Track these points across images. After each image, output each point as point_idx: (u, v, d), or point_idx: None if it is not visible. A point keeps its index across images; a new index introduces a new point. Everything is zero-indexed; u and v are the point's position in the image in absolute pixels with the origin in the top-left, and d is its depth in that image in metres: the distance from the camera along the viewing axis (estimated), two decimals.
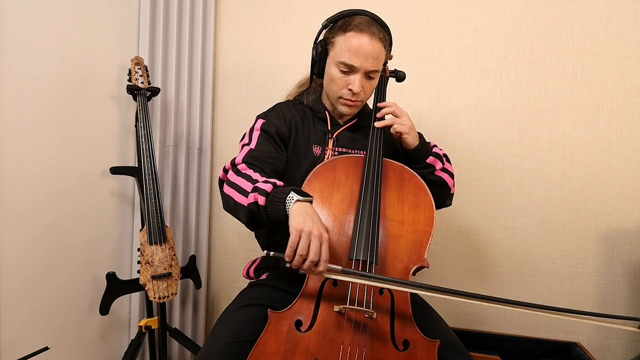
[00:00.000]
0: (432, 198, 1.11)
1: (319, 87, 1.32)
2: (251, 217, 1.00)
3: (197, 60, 1.96)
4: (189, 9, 1.91)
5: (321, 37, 1.21)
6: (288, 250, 0.88)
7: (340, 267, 0.91)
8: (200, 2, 1.95)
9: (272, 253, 0.90)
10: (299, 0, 1.96)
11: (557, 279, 1.75)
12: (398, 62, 1.83)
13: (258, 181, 0.99)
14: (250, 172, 1.04)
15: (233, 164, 1.10)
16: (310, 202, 0.95)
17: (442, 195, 1.25)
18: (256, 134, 1.18)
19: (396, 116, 1.19)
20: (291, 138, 1.22)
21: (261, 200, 0.95)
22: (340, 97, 1.18)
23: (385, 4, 1.88)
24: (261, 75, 2.02)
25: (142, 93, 1.65)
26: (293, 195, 0.93)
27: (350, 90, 1.15)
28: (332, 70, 1.17)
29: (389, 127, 1.19)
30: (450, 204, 1.30)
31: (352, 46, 1.11)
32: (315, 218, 0.91)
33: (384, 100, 1.27)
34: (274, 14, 2.00)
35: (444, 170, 1.23)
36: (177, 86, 1.90)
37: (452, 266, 1.85)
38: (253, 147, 1.14)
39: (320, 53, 1.19)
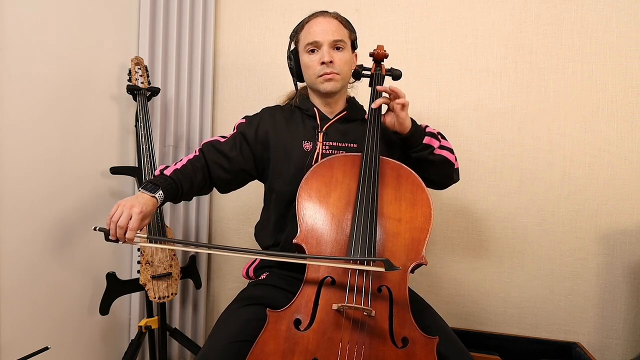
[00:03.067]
0: (429, 196, 1.11)
1: (304, 90, 1.37)
2: None
3: (197, 60, 1.96)
4: (189, 9, 1.92)
5: (292, 48, 1.31)
6: (107, 220, 1.00)
7: (145, 236, 1.04)
8: (200, 2, 1.95)
9: (97, 227, 1.01)
10: (299, 0, 1.96)
11: (557, 279, 1.75)
12: (398, 62, 1.83)
13: (175, 164, 1.18)
14: (190, 155, 1.23)
15: (201, 143, 1.28)
16: (152, 197, 1.07)
17: (447, 172, 1.27)
18: (233, 131, 1.31)
19: (397, 95, 1.19)
20: (271, 140, 1.27)
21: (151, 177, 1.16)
22: (318, 76, 1.23)
23: (385, 4, 1.88)
24: (261, 75, 2.02)
25: (142, 93, 1.66)
26: (142, 187, 1.09)
27: (323, 63, 1.21)
28: (304, 59, 1.25)
29: (385, 113, 1.24)
30: (458, 179, 1.32)
31: (311, 28, 1.23)
32: (139, 200, 1.03)
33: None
34: (274, 14, 2.00)
35: (442, 147, 1.24)
36: (177, 86, 1.90)
37: (451, 266, 1.85)
38: (221, 141, 1.27)
39: (294, 59, 1.30)
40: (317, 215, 1.06)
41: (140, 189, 1.08)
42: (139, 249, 1.59)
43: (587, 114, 1.71)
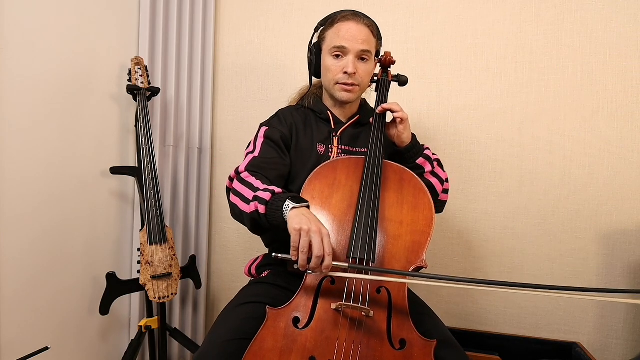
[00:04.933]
0: (431, 200, 1.11)
1: (318, 90, 1.36)
2: (254, 223, 1.05)
3: (197, 60, 1.97)
4: (189, 9, 1.92)
5: (315, 40, 1.29)
6: (292, 250, 0.90)
7: (347, 264, 0.92)
8: (200, 2, 1.96)
9: (279, 255, 0.92)
10: (299, 0, 1.96)
11: (557, 279, 1.75)
12: (398, 62, 1.83)
13: (259, 189, 1.03)
14: (252, 179, 1.08)
15: (237, 172, 1.14)
16: (307, 207, 0.98)
17: None
18: (260, 141, 1.22)
19: (393, 111, 1.20)
20: (293, 141, 1.26)
21: (261, 208, 0.99)
22: (337, 83, 1.22)
23: (385, 4, 1.88)
24: (261, 75, 2.02)
25: (142, 93, 1.66)
26: (289, 203, 0.96)
27: (345, 73, 1.19)
28: (326, 60, 1.23)
29: (390, 118, 1.23)
30: (441, 211, 1.31)
31: (341, 32, 1.19)
32: (312, 218, 0.93)
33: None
34: (274, 14, 2.00)
35: (433, 174, 1.24)
36: (177, 86, 1.90)
37: (452, 266, 1.85)
38: (257, 155, 1.18)
39: (315, 53, 1.27)
40: (319, 216, 1.06)
41: (296, 205, 0.95)
42: (138, 249, 1.59)
43: (587, 114, 1.71)
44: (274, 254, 0.93)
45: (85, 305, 1.64)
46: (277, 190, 1.01)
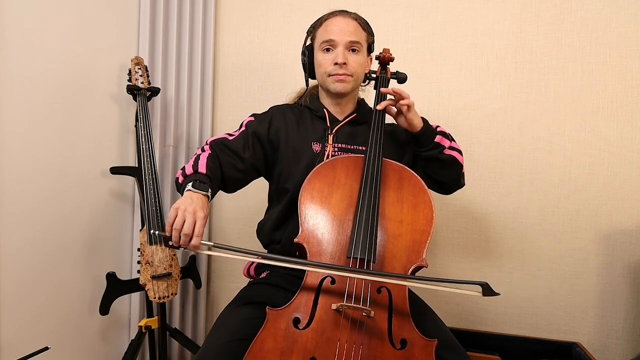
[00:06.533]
0: (431, 198, 1.11)
1: (315, 89, 1.36)
2: (176, 186, 1.16)
3: (197, 60, 1.96)
4: (189, 9, 1.92)
5: (307, 43, 1.30)
6: (167, 226, 0.96)
7: (211, 243, 0.97)
8: (200, 2, 1.96)
9: (157, 232, 0.96)
10: (299, 0, 1.96)
11: (557, 279, 1.75)
12: (398, 62, 1.83)
13: (194, 163, 1.12)
14: (205, 154, 1.16)
15: (206, 142, 1.23)
16: (206, 196, 1.04)
17: (455, 173, 1.27)
18: (242, 129, 1.27)
19: (402, 96, 1.18)
20: (282, 140, 1.26)
21: (181, 179, 1.11)
22: (329, 75, 1.23)
23: (385, 4, 1.88)
24: (261, 75, 2.02)
25: (142, 93, 1.66)
26: (190, 185, 1.04)
27: (336, 64, 1.20)
28: (318, 56, 1.25)
29: (391, 110, 1.23)
30: (464, 184, 1.33)
31: (329, 27, 1.23)
32: (197, 202, 0.99)
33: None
34: (274, 14, 2.00)
35: (452, 148, 1.25)
36: (177, 86, 1.90)
37: (452, 266, 1.85)
38: (230, 138, 1.24)
39: (308, 55, 1.29)
40: (319, 215, 1.06)
41: (192, 188, 1.03)
42: (138, 249, 1.59)
43: (587, 114, 1.71)
44: (152, 231, 0.97)
45: (85, 305, 1.64)
46: (202, 170, 1.09)
